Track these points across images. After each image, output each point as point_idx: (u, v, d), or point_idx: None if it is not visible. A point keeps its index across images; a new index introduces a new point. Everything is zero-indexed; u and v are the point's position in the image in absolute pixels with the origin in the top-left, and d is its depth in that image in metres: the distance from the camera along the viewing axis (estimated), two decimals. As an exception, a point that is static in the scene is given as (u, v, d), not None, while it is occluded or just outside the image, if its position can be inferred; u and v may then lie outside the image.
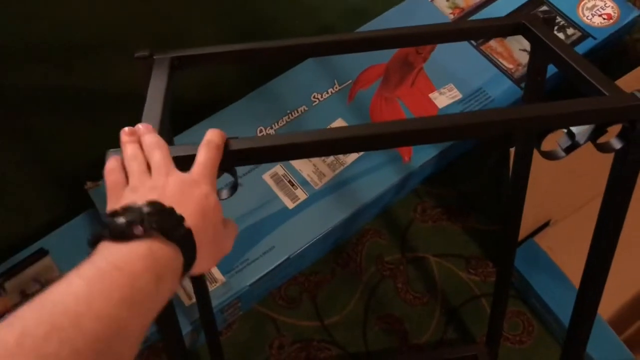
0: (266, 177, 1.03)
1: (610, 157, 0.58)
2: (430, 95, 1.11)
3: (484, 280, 1.10)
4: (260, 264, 0.96)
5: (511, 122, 0.50)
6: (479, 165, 1.22)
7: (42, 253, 1.01)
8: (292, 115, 1.09)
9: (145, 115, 0.53)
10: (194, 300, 0.91)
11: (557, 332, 1.05)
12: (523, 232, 1.07)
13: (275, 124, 1.08)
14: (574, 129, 0.55)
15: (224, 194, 0.53)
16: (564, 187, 1.10)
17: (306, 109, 1.10)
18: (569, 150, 0.58)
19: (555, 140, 0.61)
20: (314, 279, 1.10)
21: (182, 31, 1.35)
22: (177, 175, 0.44)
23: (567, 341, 0.75)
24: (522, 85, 1.11)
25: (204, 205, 0.43)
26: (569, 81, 0.60)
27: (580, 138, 0.56)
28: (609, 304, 1.06)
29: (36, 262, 1.01)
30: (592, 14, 1.20)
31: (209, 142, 0.47)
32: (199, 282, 0.81)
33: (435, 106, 1.10)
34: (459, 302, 1.09)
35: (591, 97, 0.53)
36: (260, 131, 1.08)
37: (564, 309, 1.03)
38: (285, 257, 0.96)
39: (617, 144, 0.55)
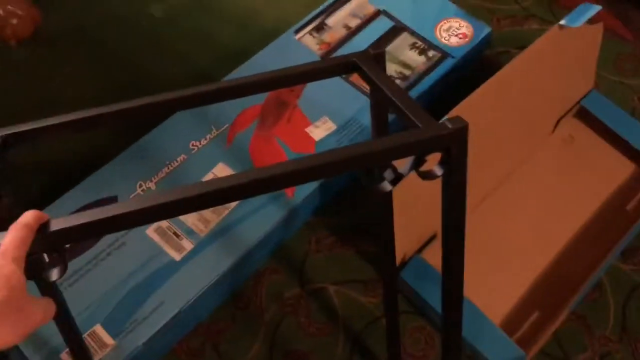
0: (150, 231, 1.02)
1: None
2: (307, 129, 1.14)
3: (382, 301, 1.13)
4: (152, 321, 0.94)
5: (333, 164, 0.53)
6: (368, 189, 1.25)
7: None
8: (171, 166, 1.09)
9: (-35, 204, 0.52)
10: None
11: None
12: (411, 249, 1.11)
13: (156, 176, 1.08)
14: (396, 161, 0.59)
15: (54, 274, 0.52)
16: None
17: (186, 157, 1.10)
18: (394, 182, 0.60)
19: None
20: (215, 327, 1.09)
21: (56, 96, 1.32)
22: None
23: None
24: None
25: None
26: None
27: (403, 170, 0.59)
28: (499, 308, 1.11)
29: None
30: (448, 35, 1.27)
31: (17, 223, 0.47)
32: (78, 351, 0.78)
33: (312, 140, 1.13)
34: (361, 326, 1.11)
35: (407, 131, 0.57)
36: (141, 186, 1.07)
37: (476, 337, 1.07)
38: (176, 310, 0.95)
39: (439, 171, 0.58)
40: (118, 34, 1.43)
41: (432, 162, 0.61)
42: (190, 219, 1.03)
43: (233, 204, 1.05)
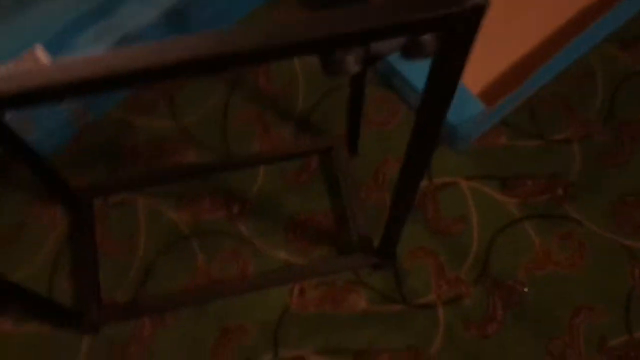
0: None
1: None
2: None
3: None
4: (97, 43, 0.91)
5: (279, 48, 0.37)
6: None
7: None
8: None
9: None
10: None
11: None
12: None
13: None
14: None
15: None
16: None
17: None
18: (368, 62, 0.43)
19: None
20: (173, 83, 1.06)
21: None
22: None
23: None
24: None
25: None
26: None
27: (380, 48, 0.41)
28: (479, 80, 1.02)
29: None
30: None
31: None
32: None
33: None
34: (323, 91, 1.05)
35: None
36: None
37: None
38: (125, 31, 0.91)
39: (431, 46, 0.42)
40: None
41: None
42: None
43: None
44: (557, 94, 1.05)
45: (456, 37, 0.39)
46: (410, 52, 0.40)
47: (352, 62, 0.41)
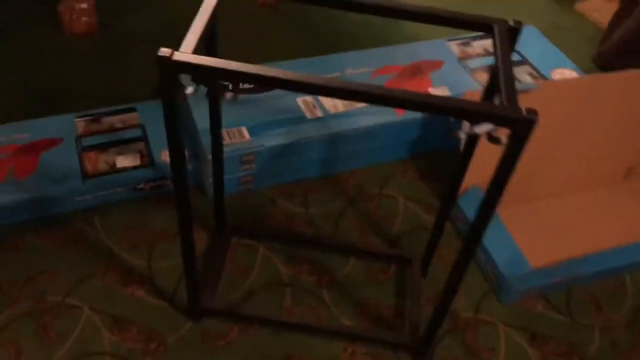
0: (299, 100, 1.46)
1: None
2: (428, 89, 1.54)
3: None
4: (278, 138, 1.35)
5: (436, 105, 0.76)
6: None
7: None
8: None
9: None
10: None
11: (484, 263, 1.32)
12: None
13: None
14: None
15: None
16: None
17: (339, 75, 1.55)
18: (469, 135, 0.83)
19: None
20: (305, 184, 1.46)
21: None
22: None
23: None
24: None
25: None
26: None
27: (479, 129, 0.79)
28: (542, 256, 1.31)
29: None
30: (559, 76, 1.63)
31: None
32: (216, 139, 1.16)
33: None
34: (410, 228, 1.40)
35: (492, 102, 0.83)
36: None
37: (494, 246, 1.30)
38: (297, 138, 1.35)
39: (504, 139, 0.77)
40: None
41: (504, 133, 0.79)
42: (326, 103, 1.46)
43: (360, 105, 1.46)
44: (590, 289, 1.32)
45: (517, 134, 0.76)
46: (491, 138, 0.79)
47: (464, 130, 0.82)
